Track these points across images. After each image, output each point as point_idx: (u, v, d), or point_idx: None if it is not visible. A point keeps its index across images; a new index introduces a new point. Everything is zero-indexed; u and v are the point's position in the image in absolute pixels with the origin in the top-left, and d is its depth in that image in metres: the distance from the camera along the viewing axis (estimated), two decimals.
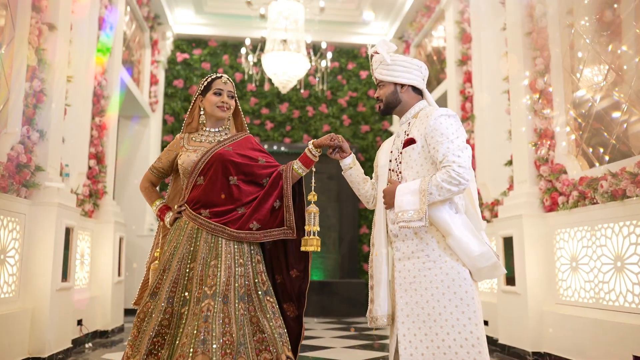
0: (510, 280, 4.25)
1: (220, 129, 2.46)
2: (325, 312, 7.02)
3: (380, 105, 2.25)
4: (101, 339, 4.93)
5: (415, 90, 2.22)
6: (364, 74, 8.35)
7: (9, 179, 3.46)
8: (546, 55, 4.37)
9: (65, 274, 4.00)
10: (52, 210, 3.77)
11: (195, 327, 2.05)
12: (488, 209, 5.19)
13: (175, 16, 7.81)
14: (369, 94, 8.29)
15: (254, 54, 6.83)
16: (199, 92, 2.43)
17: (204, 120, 2.43)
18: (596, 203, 3.57)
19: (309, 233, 2.26)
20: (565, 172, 4.08)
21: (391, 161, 2.22)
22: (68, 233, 4.02)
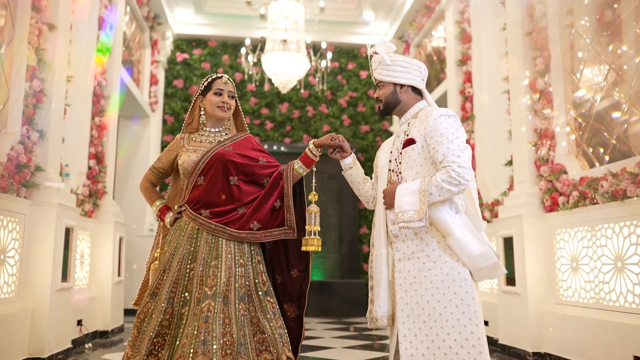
0: (511, 281, 4.25)
1: (221, 129, 2.46)
2: (325, 312, 7.01)
3: (379, 105, 2.25)
4: (101, 339, 4.93)
5: (415, 91, 2.22)
6: (364, 74, 8.35)
7: (8, 179, 3.46)
8: (546, 55, 4.37)
9: (65, 274, 4.00)
10: (52, 211, 3.77)
11: (196, 328, 2.05)
12: (488, 209, 5.19)
13: (175, 16, 7.80)
14: (369, 94, 8.28)
15: (254, 54, 6.83)
16: (199, 92, 2.43)
17: (205, 120, 2.43)
18: (596, 203, 3.57)
19: (310, 233, 2.25)
20: (566, 172, 4.08)
21: (391, 161, 2.22)
22: (68, 233, 4.02)
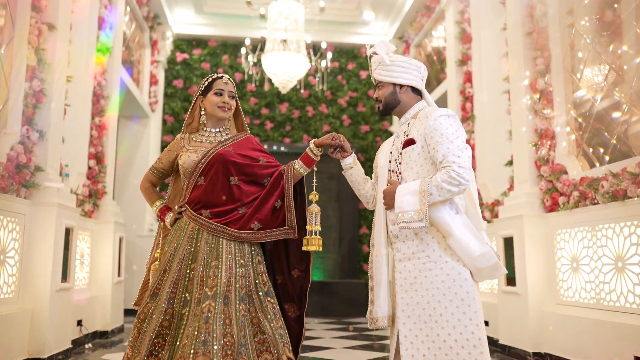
0: (511, 281, 4.24)
1: (221, 129, 2.46)
2: (325, 313, 7.01)
3: (379, 105, 2.24)
4: (101, 339, 4.92)
5: (415, 91, 2.22)
6: (364, 74, 8.34)
7: (8, 179, 3.46)
8: (546, 55, 4.37)
9: (65, 274, 3.99)
10: (51, 211, 3.76)
11: (196, 328, 2.04)
12: (488, 209, 5.18)
13: (175, 16, 7.80)
14: (368, 94, 8.27)
15: (253, 54, 6.82)
16: (199, 92, 2.42)
17: (205, 120, 2.43)
18: (597, 203, 3.56)
19: (311, 232, 2.25)
20: (566, 173, 4.08)
21: (391, 162, 2.21)
22: (68, 233, 4.02)
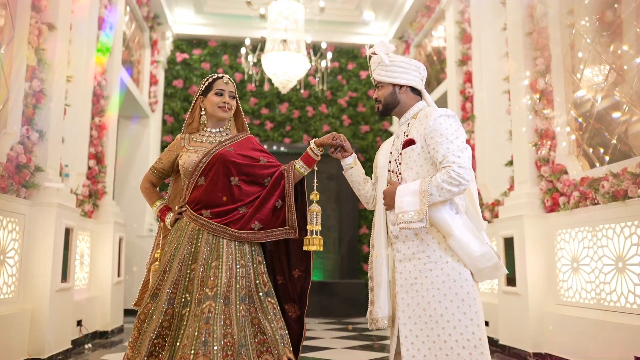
0: (511, 281, 4.24)
1: (221, 129, 2.45)
2: (325, 313, 7.01)
3: (379, 106, 2.24)
4: (101, 339, 4.92)
5: (414, 91, 2.21)
6: (363, 74, 8.34)
7: (8, 180, 3.45)
8: (547, 56, 4.37)
9: (64, 274, 3.99)
10: (51, 211, 3.76)
11: (196, 329, 2.04)
12: (488, 210, 5.18)
13: (174, 16, 7.80)
14: (368, 94, 8.27)
15: (253, 54, 6.82)
16: (200, 92, 2.42)
17: (205, 120, 2.43)
18: (597, 203, 3.56)
19: (311, 232, 2.25)
20: (566, 173, 4.07)
21: (390, 162, 2.21)
22: (68, 233, 4.02)
